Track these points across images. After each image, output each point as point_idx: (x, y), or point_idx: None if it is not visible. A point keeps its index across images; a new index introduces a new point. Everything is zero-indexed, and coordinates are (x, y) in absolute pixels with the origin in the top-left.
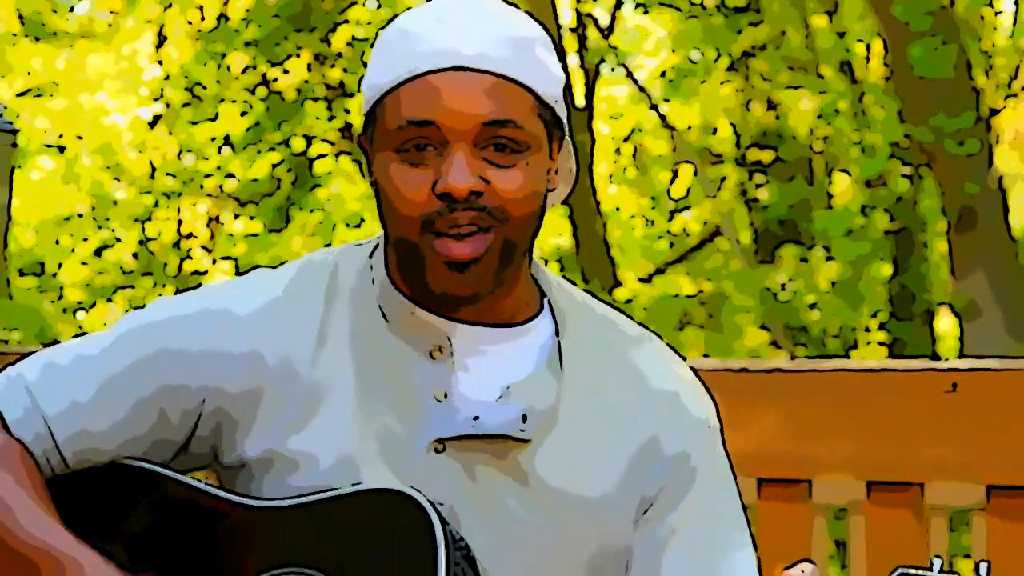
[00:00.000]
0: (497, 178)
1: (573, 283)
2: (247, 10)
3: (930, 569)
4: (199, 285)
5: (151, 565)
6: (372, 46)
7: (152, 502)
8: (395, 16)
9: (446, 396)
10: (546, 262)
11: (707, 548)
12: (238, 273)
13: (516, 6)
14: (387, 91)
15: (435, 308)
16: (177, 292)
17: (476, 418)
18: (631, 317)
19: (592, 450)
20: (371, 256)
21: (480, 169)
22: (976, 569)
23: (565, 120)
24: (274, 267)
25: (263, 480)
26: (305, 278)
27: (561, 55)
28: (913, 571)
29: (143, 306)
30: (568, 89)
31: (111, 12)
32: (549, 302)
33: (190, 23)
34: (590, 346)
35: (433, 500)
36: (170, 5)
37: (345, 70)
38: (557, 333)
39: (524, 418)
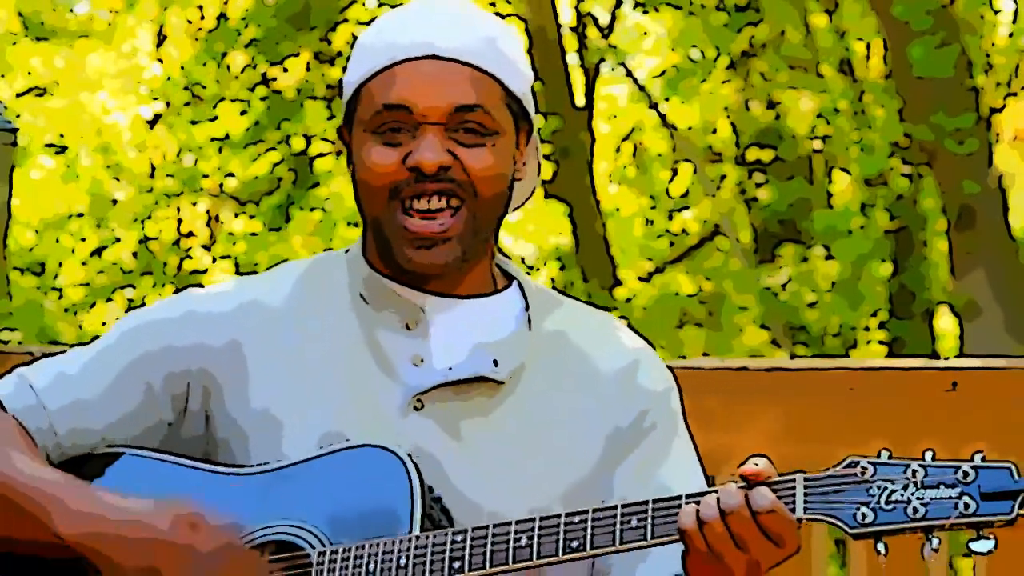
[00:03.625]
0: (465, 155)
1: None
2: (247, 10)
3: (879, 456)
4: (199, 284)
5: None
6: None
7: (141, 480)
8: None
9: (422, 361)
10: (546, 262)
11: (655, 467)
12: (238, 272)
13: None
14: (366, 80)
15: (409, 282)
16: (177, 291)
17: (450, 369)
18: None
19: (561, 406)
20: (347, 253)
21: (449, 146)
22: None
23: (533, 115)
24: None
25: (252, 454)
26: (282, 276)
27: (561, 55)
28: (862, 459)
29: (142, 305)
30: (568, 88)
31: (111, 11)
32: (519, 283)
33: (190, 22)
34: (553, 326)
35: (415, 454)
36: (170, 4)
37: (344, 70)
38: (527, 309)
39: (495, 363)
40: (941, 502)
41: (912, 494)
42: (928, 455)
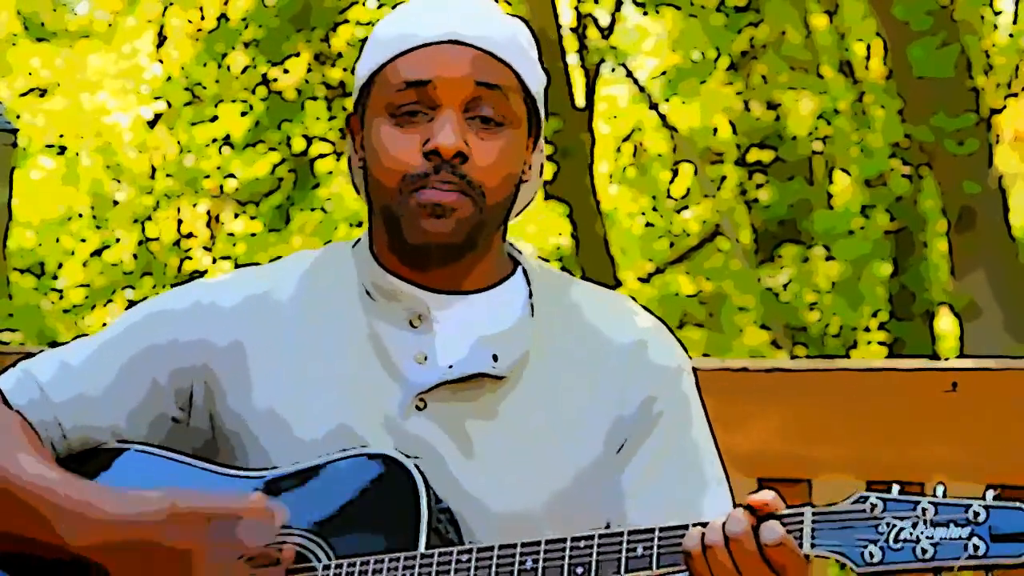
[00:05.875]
0: (478, 149)
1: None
2: (247, 10)
3: (889, 491)
4: None
5: None
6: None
7: (147, 479)
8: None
9: (426, 359)
10: (546, 262)
11: (675, 484)
12: None
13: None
14: (383, 64)
15: (415, 276)
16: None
17: (450, 367)
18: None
19: (565, 396)
20: (354, 247)
21: (466, 134)
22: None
23: (543, 120)
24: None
25: (256, 450)
26: (288, 269)
27: (562, 55)
28: (873, 494)
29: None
30: (568, 89)
31: (111, 12)
32: (523, 269)
33: (190, 23)
34: (559, 307)
35: (419, 455)
36: (170, 4)
37: (345, 70)
38: (531, 296)
39: (495, 358)
40: (951, 543)
41: (921, 533)
42: (940, 490)
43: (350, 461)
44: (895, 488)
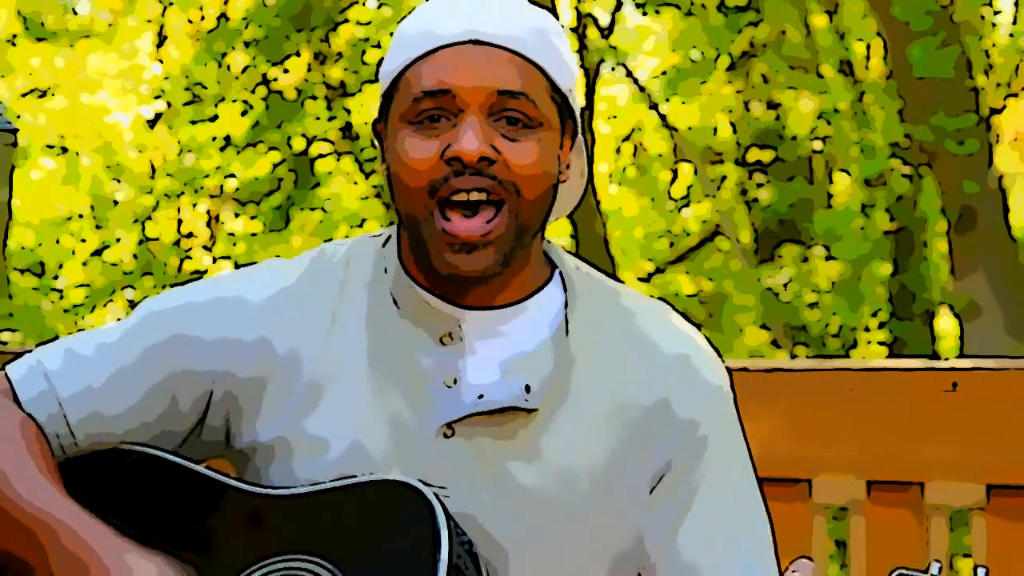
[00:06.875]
0: (508, 150)
1: (594, 265)
2: (247, 10)
3: (926, 571)
4: None
5: (156, 549)
6: (377, 45)
7: (159, 488)
8: (401, 15)
9: (455, 382)
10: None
11: (723, 524)
12: None
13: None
14: (405, 67)
15: (445, 293)
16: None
17: (481, 396)
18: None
19: (601, 419)
20: (384, 246)
21: (491, 138)
22: (975, 571)
23: (579, 117)
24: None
25: (275, 466)
26: (318, 267)
27: None
28: (909, 572)
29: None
30: None
31: (112, 12)
32: (560, 273)
33: (190, 23)
34: (599, 315)
35: (444, 484)
36: (170, 4)
37: (345, 70)
38: (567, 304)
39: (527, 389)
40: None
41: None
42: (981, 572)
43: (368, 487)
44: (935, 566)
